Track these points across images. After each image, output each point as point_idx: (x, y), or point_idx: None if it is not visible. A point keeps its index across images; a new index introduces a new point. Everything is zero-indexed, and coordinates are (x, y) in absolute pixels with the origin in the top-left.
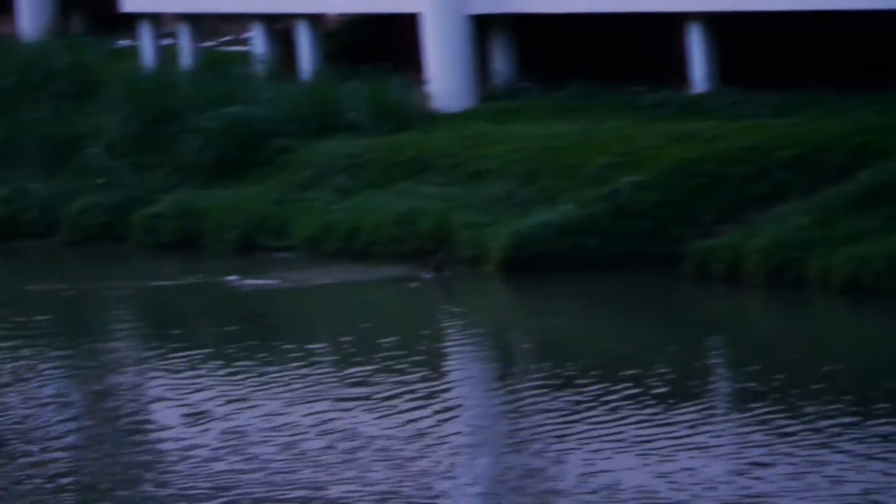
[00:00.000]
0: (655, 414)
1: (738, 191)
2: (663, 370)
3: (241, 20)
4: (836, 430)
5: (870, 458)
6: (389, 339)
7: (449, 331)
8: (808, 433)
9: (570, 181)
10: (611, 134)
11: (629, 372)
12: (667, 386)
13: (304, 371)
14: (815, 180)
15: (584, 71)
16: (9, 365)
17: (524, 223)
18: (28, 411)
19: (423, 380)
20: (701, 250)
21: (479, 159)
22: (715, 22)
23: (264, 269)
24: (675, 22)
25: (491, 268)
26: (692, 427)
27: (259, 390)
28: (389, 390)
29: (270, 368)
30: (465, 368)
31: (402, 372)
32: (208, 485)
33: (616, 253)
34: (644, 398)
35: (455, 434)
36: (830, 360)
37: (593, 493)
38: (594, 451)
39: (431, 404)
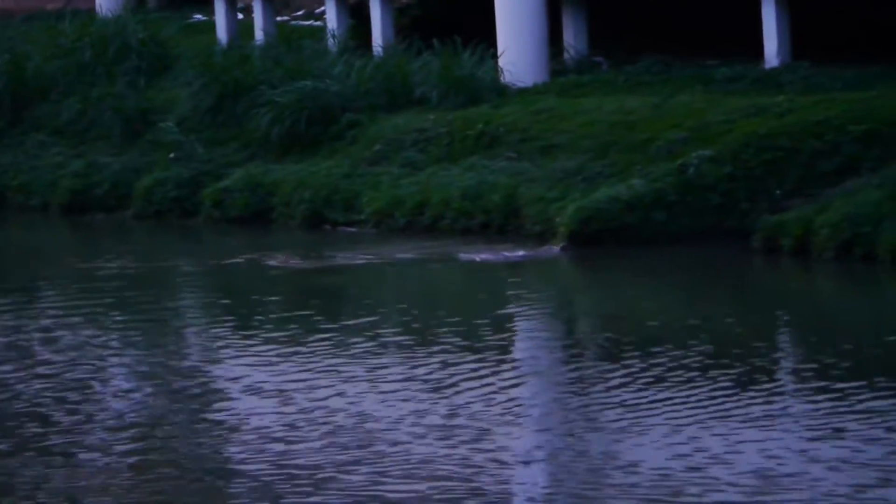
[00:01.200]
0: (730, 387)
1: (809, 165)
2: (734, 344)
3: None
4: None
5: None
6: (454, 318)
7: (517, 308)
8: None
9: (641, 156)
10: (682, 108)
11: (701, 347)
12: (738, 360)
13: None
14: (887, 155)
15: (656, 45)
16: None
17: (591, 198)
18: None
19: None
20: (770, 225)
21: (550, 134)
22: None
23: (348, 244)
24: None
25: (557, 243)
26: (767, 399)
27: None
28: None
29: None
30: (533, 347)
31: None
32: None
33: (684, 227)
34: (717, 372)
35: (528, 414)
36: None
37: (697, 469)
38: (683, 426)
39: (503, 383)
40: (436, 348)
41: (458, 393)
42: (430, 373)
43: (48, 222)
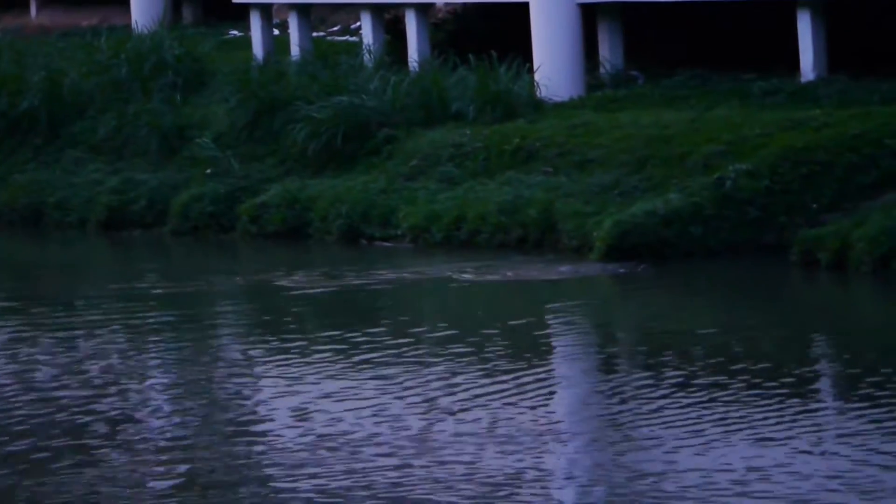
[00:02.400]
0: (775, 403)
1: (846, 179)
2: (773, 359)
3: (350, 10)
4: None
5: None
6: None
7: (553, 321)
8: None
9: (677, 170)
10: (719, 122)
11: (741, 363)
12: (780, 374)
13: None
14: None
15: (692, 59)
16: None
17: (628, 212)
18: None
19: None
20: (808, 239)
21: (586, 148)
22: (825, 8)
23: (399, 262)
24: (785, 8)
25: (595, 257)
26: (809, 415)
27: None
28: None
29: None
30: (568, 362)
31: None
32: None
33: (721, 241)
34: (758, 387)
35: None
36: None
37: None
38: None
39: (542, 395)
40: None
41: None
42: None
43: (85, 239)
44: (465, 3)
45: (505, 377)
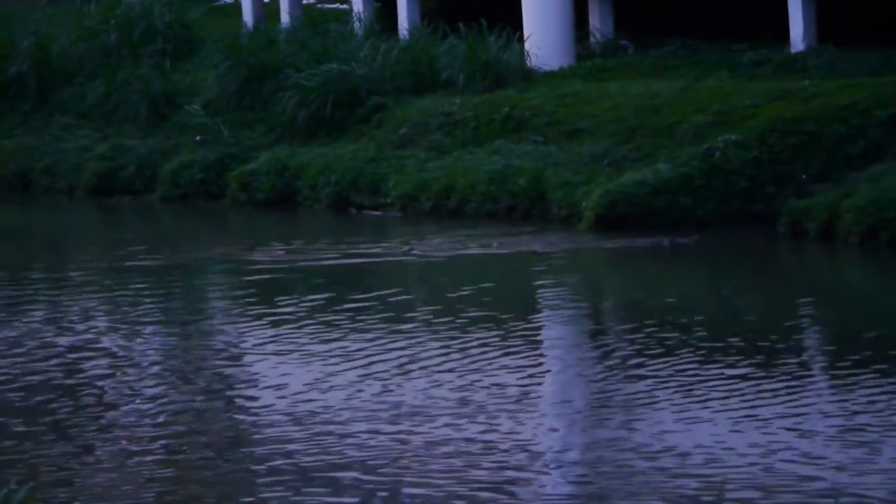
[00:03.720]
0: (760, 373)
1: (835, 150)
2: (762, 329)
3: None
4: None
5: None
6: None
7: (548, 293)
8: None
9: (667, 140)
10: (708, 92)
11: (734, 336)
12: (767, 343)
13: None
14: None
15: (682, 29)
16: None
17: (617, 182)
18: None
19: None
20: (796, 209)
21: (576, 118)
22: None
23: (374, 231)
24: None
25: (583, 227)
26: (799, 384)
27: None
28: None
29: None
30: (560, 333)
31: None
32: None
33: (710, 212)
34: (745, 357)
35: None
36: None
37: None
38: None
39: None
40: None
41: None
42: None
43: (74, 205)
44: None
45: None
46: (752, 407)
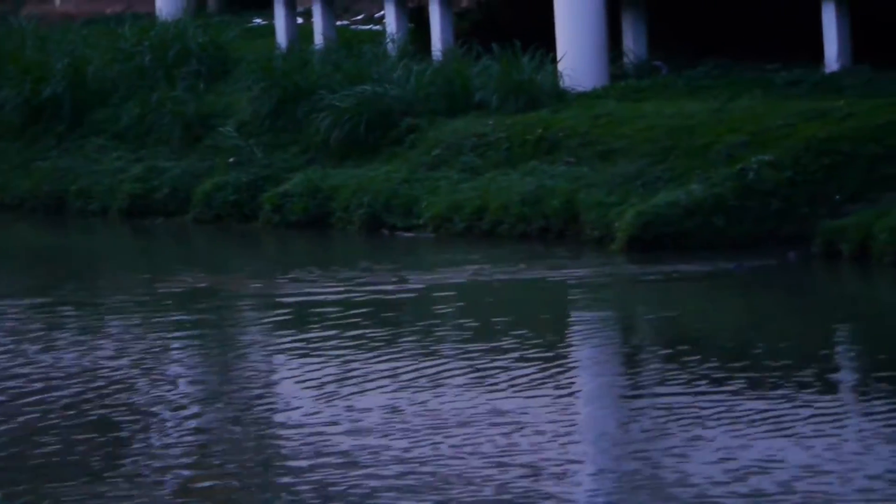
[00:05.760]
0: (796, 397)
1: (869, 170)
2: (795, 352)
3: None
4: None
5: None
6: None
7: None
8: None
9: (700, 160)
10: (742, 112)
11: (772, 359)
12: (800, 368)
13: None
14: None
15: (715, 49)
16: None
17: (651, 203)
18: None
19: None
20: (830, 230)
21: (609, 139)
22: (848, 0)
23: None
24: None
25: (616, 248)
26: (830, 411)
27: None
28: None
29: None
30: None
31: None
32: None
33: (744, 233)
34: (779, 380)
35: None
36: None
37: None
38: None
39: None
40: None
41: None
42: None
43: (108, 227)
44: None
45: None
46: None
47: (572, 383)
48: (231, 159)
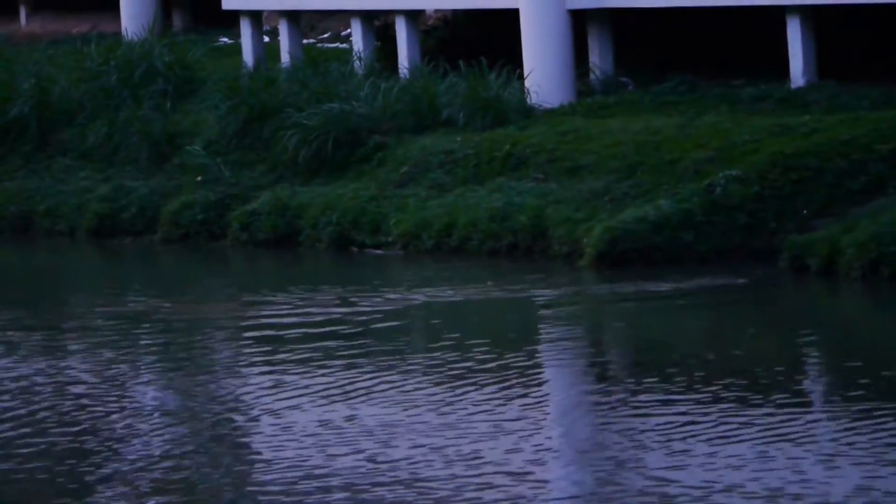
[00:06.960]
0: (763, 411)
1: (836, 185)
2: (765, 365)
3: (340, 17)
4: None
5: None
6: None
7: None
8: None
9: (667, 176)
10: (708, 128)
11: (736, 374)
12: (769, 381)
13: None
14: None
15: (681, 65)
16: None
17: (618, 218)
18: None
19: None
20: (797, 244)
21: (576, 155)
22: (813, 15)
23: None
24: (774, 14)
25: (585, 264)
26: (800, 422)
27: None
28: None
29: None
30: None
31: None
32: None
33: (712, 247)
34: (750, 394)
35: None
36: None
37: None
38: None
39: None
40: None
41: None
42: None
43: (75, 247)
44: (455, 10)
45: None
46: None
47: (542, 400)
48: (199, 178)
